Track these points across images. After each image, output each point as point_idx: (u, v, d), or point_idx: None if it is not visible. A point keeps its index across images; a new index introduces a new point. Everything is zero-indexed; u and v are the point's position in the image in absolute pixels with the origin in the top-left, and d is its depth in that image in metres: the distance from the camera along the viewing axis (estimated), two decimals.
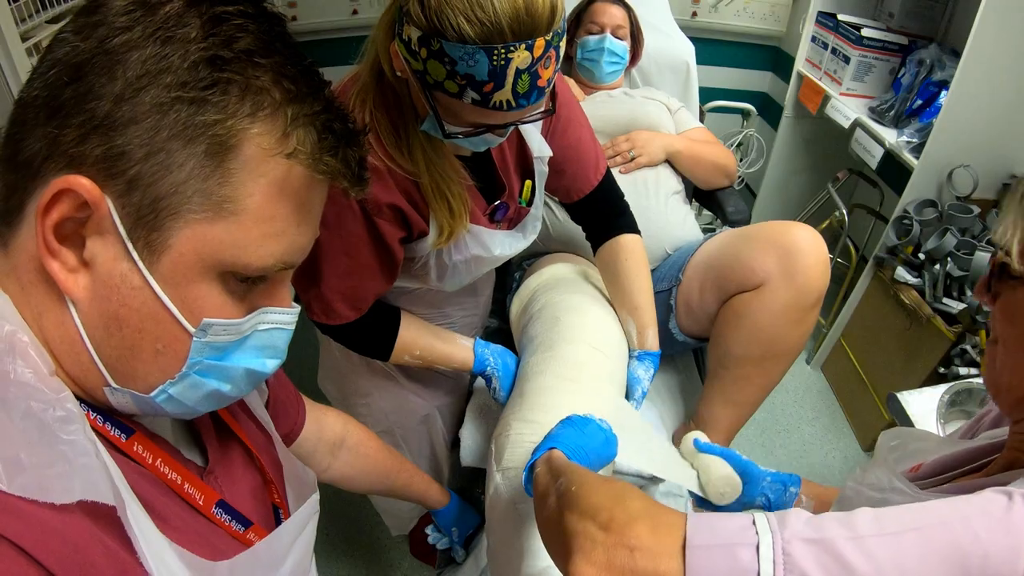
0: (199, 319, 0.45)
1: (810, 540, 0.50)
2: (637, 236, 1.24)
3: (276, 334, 0.52)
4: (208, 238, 0.43)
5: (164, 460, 0.50)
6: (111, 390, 0.46)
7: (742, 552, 0.49)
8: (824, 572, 0.48)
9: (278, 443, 0.70)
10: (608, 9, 1.61)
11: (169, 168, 0.41)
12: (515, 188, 1.09)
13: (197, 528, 0.52)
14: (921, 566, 0.48)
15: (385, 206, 0.92)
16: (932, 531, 0.50)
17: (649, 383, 1.17)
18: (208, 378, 0.48)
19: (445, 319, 1.23)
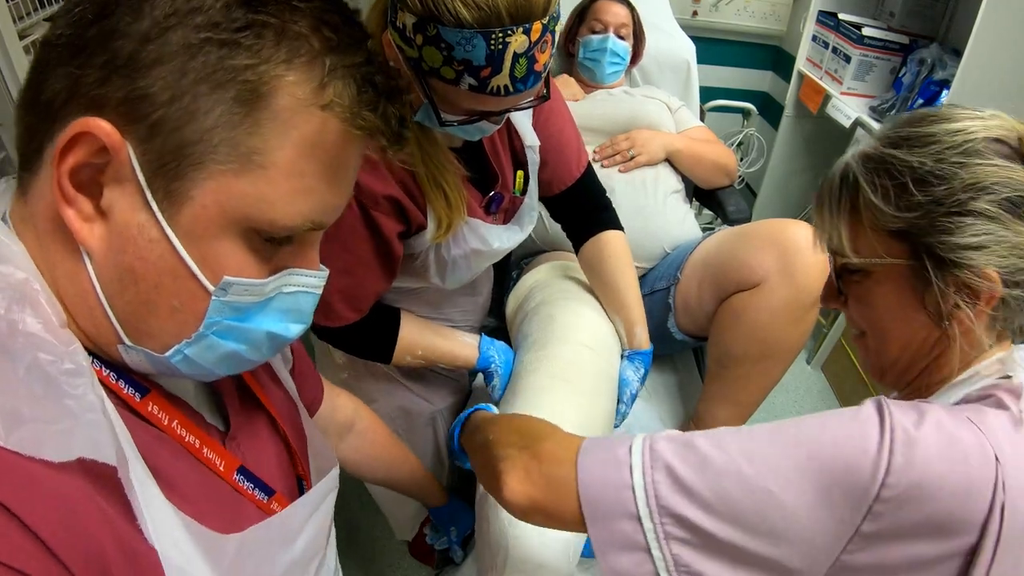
0: (219, 277, 0.43)
1: (673, 438, 0.62)
2: (620, 232, 1.22)
3: (302, 298, 0.49)
4: (233, 191, 0.41)
5: (181, 422, 0.48)
6: (125, 348, 0.44)
7: (619, 450, 0.62)
8: (680, 459, 0.59)
9: (303, 413, 0.68)
10: (612, 8, 1.60)
11: (195, 114, 0.39)
12: (508, 178, 1.09)
13: (216, 494, 0.50)
14: (769, 452, 0.58)
15: (382, 198, 0.91)
16: (783, 427, 0.60)
17: (640, 384, 1.17)
18: (227, 340, 0.46)
19: (445, 320, 1.23)
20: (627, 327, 1.20)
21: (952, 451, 0.54)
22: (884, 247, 0.63)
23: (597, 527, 0.60)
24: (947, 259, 0.59)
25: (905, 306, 0.64)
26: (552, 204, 1.21)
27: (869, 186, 0.63)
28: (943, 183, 0.59)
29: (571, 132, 1.16)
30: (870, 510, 0.53)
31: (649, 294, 1.39)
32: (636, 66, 1.77)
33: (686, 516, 0.57)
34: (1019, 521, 0.54)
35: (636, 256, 1.43)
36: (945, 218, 0.59)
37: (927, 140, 0.61)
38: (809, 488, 0.55)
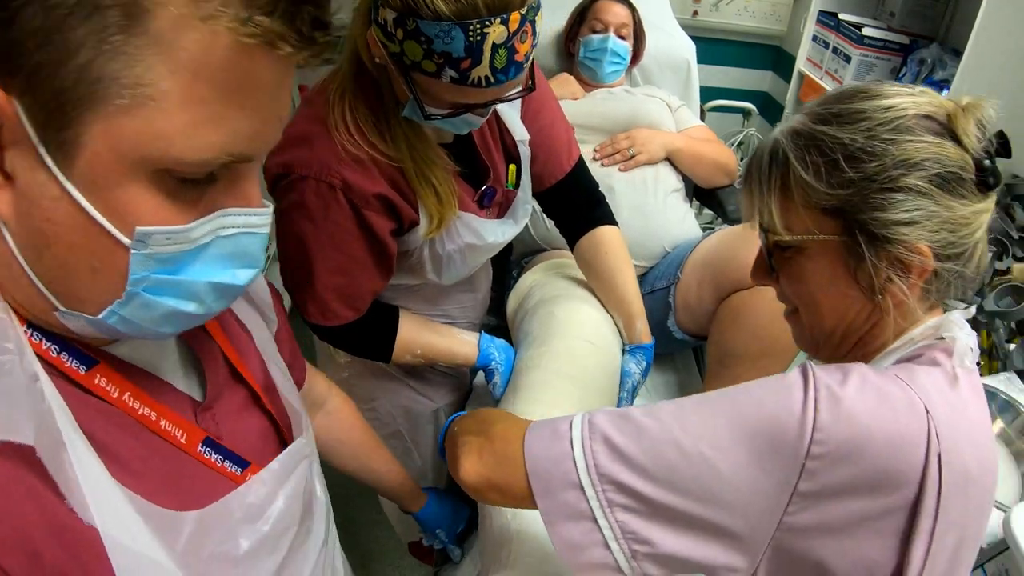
0: (132, 228, 0.39)
1: (610, 412, 0.65)
2: (615, 228, 1.21)
3: (245, 240, 0.44)
4: (125, 131, 0.36)
5: (134, 394, 0.46)
6: (62, 314, 0.41)
7: (560, 425, 0.65)
8: (616, 429, 0.62)
9: (285, 381, 0.66)
10: (613, 7, 1.61)
11: (68, 52, 0.34)
12: (501, 172, 1.08)
13: (173, 468, 0.48)
14: (701, 419, 0.60)
15: (372, 196, 0.91)
16: (713, 396, 0.62)
17: (642, 376, 1.16)
18: (163, 296, 0.42)
19: (444, 316, 1.23)
20: (627, 322, 1.19)
21: (879, 406, 0.55)
22: (816, 224, 0.63)
23: (544, 499, 0.63)
24: (879, 235, 0.60)
25: (838, 281, 0.64)
26: (545, 199, 1.20)
27: (800, 163, 0.63)
28: (874, 159, 0.59)
29: (561, 125, 1.16)
30: (804, 469, 0.54)
31: (649, 293, 1.39)
32: (636, 66, 1.77)
33: (626, 483, 0.59)
34: (958, 470, 0.55)
35: (636, 255, 1.43)
36: (877, 195, 0.60)
37: (858, 116, 0.61)
38: (741, 451, 0.57)
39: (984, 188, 0.61)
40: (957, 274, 0.62)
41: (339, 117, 0.89)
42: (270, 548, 0.53)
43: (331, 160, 0.88)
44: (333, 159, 0.88)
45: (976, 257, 0.62)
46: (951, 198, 0.59)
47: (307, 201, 0.90)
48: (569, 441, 0.63)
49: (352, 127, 0.89)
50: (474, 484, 0.70)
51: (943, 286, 0.62)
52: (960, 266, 0.61)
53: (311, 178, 0.88)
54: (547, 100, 1.14)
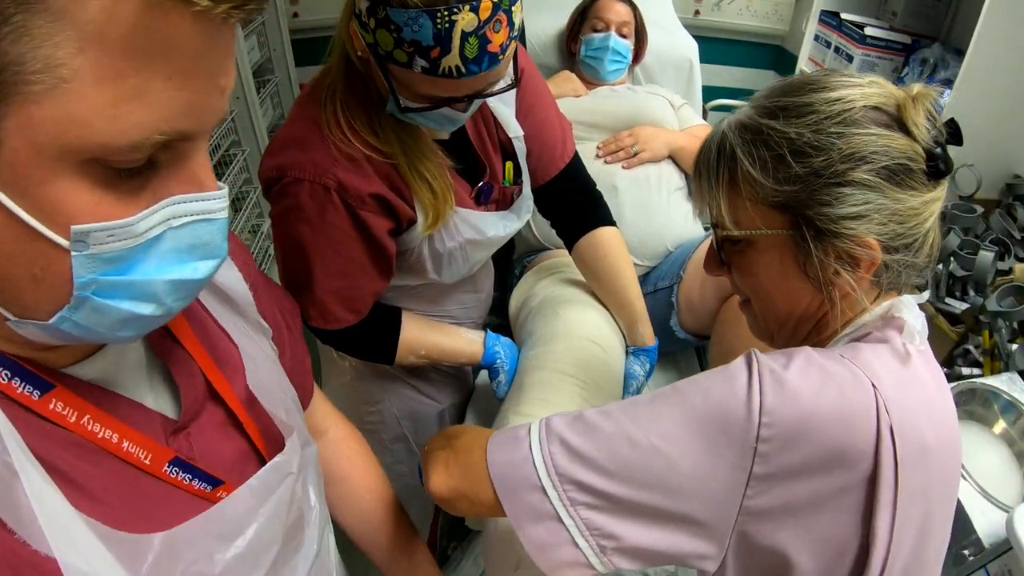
0: (66, 228, 0.35)
1: (565, 414, 0.66)
2: (614, 228, 1.20)
3: (201, 228, 0.41)
4: (37, 121, 0.33)
5: (94, 416, 0.44)
6: (15, 323, 0.38)
7: (519, 431, 0.67)
8: (571, 430, 0.63)
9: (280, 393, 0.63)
10: (614, 6, 1.61)
11: None
12: (497, 168, 1.08)
13: (139, 492, 0.47)
14: (651, 413, 0.61)
15: (368, 196, 0.90)
16: (662, 391, 0.63)
17: (646, 378, 1.16)
18: (115, 300, 0.38)
19: (446, 316, 1.22)
20: (629, 324, 1.19)
21: (824, 384, 0.55)
22: (763, 219, 0.63)
23: (509, 503, 0.64)
24: (826, 229, 0.60)
25: (787, 274, 0.64)
26: (539, 197, 1.17)
27: (747, 158, 0.62)
28: (821, 154, 0.59)
29: (555, 122, 1.15)
30: (756, 452, 0.55)
31: (652, 292, 1.39)
32: (638, 65, 1.77)
33: (585, 481, 0.61)
34: (914, 441, 0.55)
35: (639, 254, 1.43)
36: (824, 190, 0.60)
37: (804, 110, 0.60)
38: (692, 439, 0.58)
39: (935, 176, 0.60)
40: (907, 264, 0.62)
41: (331, 116, 0.88)
42: (249, 566, 0.52)
43: (325, 161, 0.88)
44: (327, 160, 0.88)
45: (928, 244, 0.62)
46: (899, 190, 0.59)
47: (302, 204, 0.89)
48: (528, 445, 0.64)
49: (345, 125, 0.88)
50: (443, 495, 0.71)
51: (893, 276, 0.63)
52: (910, 256, 0.62)
53: (305, 180, 0.88)
54: (541, 96, 1.13)
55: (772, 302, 0.68)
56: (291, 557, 0.58)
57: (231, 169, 1.90)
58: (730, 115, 0.67)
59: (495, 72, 0.80)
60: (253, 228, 2.15)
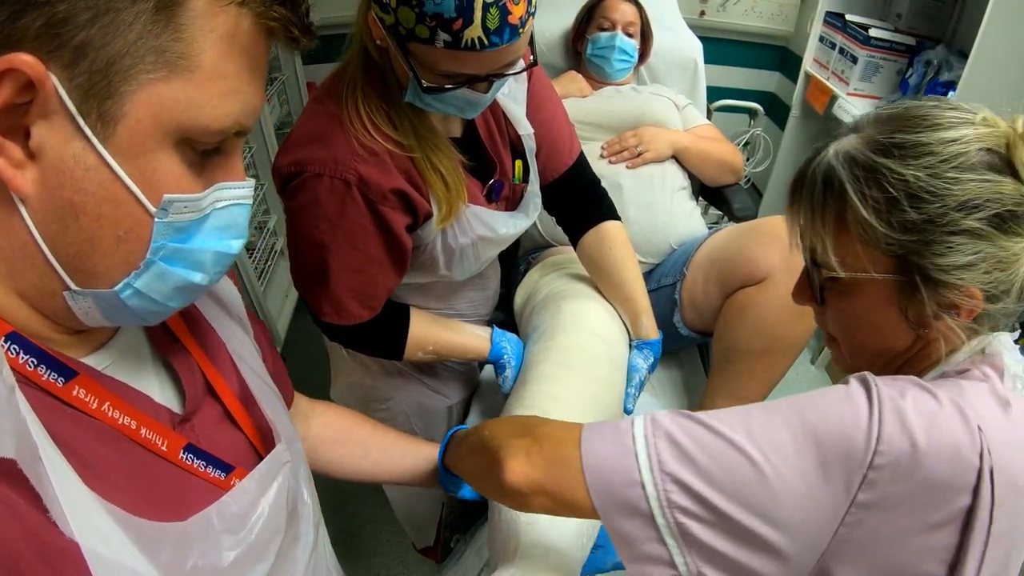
0: (159, 196, 0.42)
1: (673, 412, 0.64)
2: (619, 223, 1.21)
3: (235, 211, 0.49)
4: (164, 99, 0.41)
5: (114, 403, 0.47)
6: (72, 294, 0.43)
7: (622, 425, 0.64)
8: (681, 430, 0.61)
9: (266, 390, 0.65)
10: (620, 6, 1.62)
11: (118, 28, 0.38)
12: (507, 166, 1.09)
13: (156, 477, 0.49)
14: (766, 427, 0.59)
15: (389, 192, 0.91)
16: (777, 405, 0.61)
17: (648, 371, 1.17)
18: (175, 265, 0.45)
19: (454, 313, 1.23)
20: (633, 318, 1.20)
21: (937, 419, 0.55)
22: (872, 262, 0.62)
23: (601, 496, 0.61)
24: (936, 279, 0.59)
25: (887, 315, 0.64)
26: (546, 194, 1.18)
27: (859, 197, 0.60)
28: (937, 200, 0.57)
29: (562, 120, 1.16)
30: (864, 479, 0.55)
31: (655, 290, 1.40)
32: (644, 65, 1.78)
33: (688, 483, 0.58)
34: (1009, 483, 0.55)
35: (643, 252, 1.44)
36: (939, 239, 0.58)
37: (921, 151, 0.58)
38: (806, 460, 0.56)
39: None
40: (1004, 312, 0.61)
41: (353, 111, 0.89)
42: (257, 557, 0.53)
43: (346, 156, 0.88)
44: (348, 155, 0.88)
45: (1020, 288, 0.60)
46: (1006, 237, 0.58)
47: (322, 199, 0.89)
48: (631, 438, 0.62)
49: (366, 119, 0.89)
50: (522, 487, 0.67)
51: (992, 321, 0.62)
52: (1011, 303, 0.60)
53: (326, 176, 0.88)
54: (548, 95, 1.14)
55: (865, 341, 0.68)
56: (291, 549, 0.59)
57: None
58: (836, 143, 0.65)
59: (515, 47, 0.81)
60: (260, 224, 2.16)
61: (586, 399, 1.01)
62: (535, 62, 0.89)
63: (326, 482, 0.83)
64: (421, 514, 1.49)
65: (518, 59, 0.85)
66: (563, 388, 1.02)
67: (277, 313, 2.13)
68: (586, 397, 1.02)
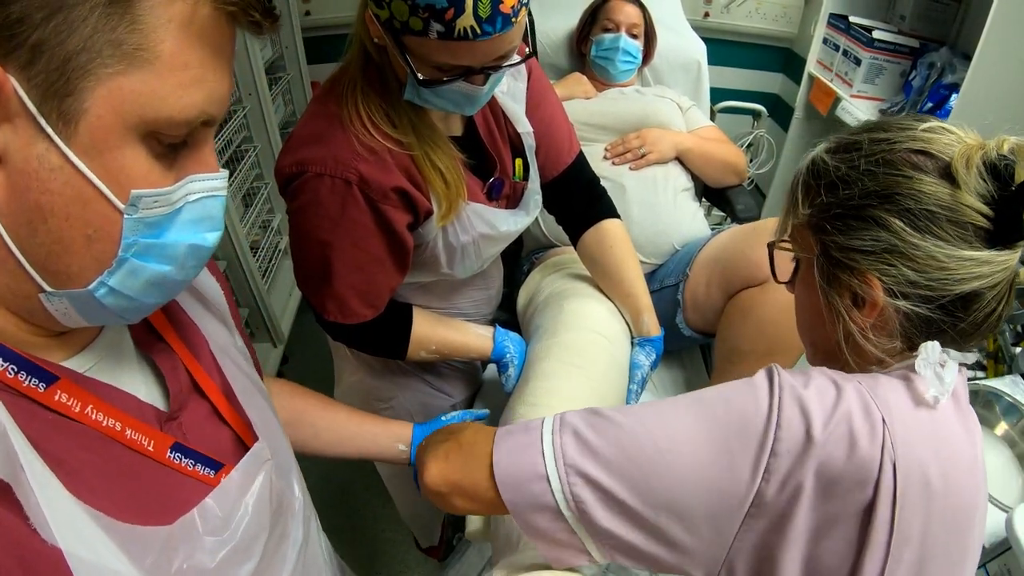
0: (127, 192, 0.41)
1: (582, 410, 0.66)
2: (618, 221, 1.22)
3: (209, 203, 0.47)
4: (125, 91, 0.40)
5: (97, 406, 0.46)
6: (47, 296, 0.43)
7: (531, 423, 0.67)
8: (586, 424, 0.63)
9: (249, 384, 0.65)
10: (624, 7, 1.62)
11: (73, 24, 0.37)
12: (508, 165, 1.09)
13: (144, 480, 0.48)
14: (670, 415, 0.61)
15: (390, 190, 0.91)
16: (684, 396, 0.64)
17: (650, 368, 1.17)
18: (148, 261, 0.44)
19: (456, 312, 1.24)
20: (634, 315, 1.20)
21: (837, 409, 0.56)
22: (803, 240, 0.68)
23: (510, 492, 0.64)
24: (836, 258, 0.62)
25: (814, 298, 0.67)
26: (546, 192, 1.18)
27: (802, 185, 0.67)
28: (847, 188, 0.61)
29: (561, 119, 1.17)
30: (767, 467, 0.55)
31: (658, 290, 1.40)
32: (648, 66, 1.79)
33: (591, 475, 0.60)
34: (916, 480, 0.55)
35: (646, 252, 1.45)
36: (838, 219, 0.62)
37: (852, 147, 0.63)
38: (708, 446, 0.58)
39: (996, 240, 0.57)
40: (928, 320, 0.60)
41: (353, 110, 0.89)
42: (242, 557, 0.53)
43: (346, 155, 0.88)
44: (348, 154, 0.89)
45: (974, 307, 0.59)
46: (917, 234, 0.58)
47: (323, 199, 0.90)
48: (539, 436, 0.64)
49: (366, 118, 0.89)
50: (438, 488, 0.70)
51: (914, 329, 0.61)
52: (930, 310, 0.59)
53: (327, 175, 0.88)
54: (547, 94, 1.15)
55: (807, 327, 0.72)
56: (279, 546, 0.59)
57: (243, 165, 1.92)
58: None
59: (508, 37, 0.81)
60: (264, 223, 2.17)
61: (589, 396, 1.02)
62: (532, 53, 0.89)
63: (328, 480, 0.84)
64: (425, 513, 1.50)
65: (513, 51, 0.85)
66: (566, 385, 1.03)
67: (281, 312, 2.14)
68: (589, 394, 1.02)
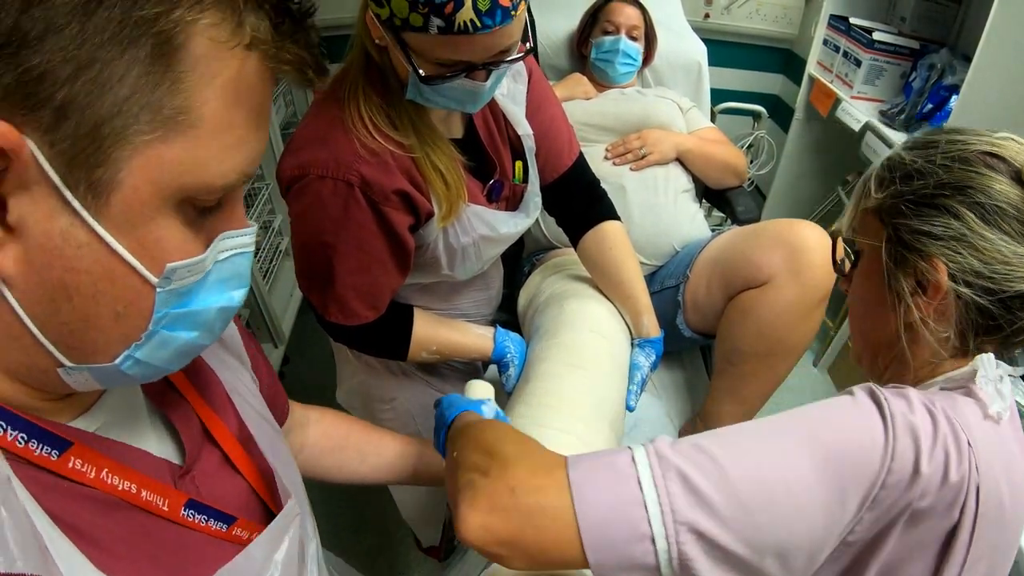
0: (162, 266, 0.37)
1: (678, 442, 0.57)
2: (618, 222, 1.22)
3: (238, 260, 0.44)
4: (164, 161, 0.35)
5: (112, 469, 0.43)
6: (67, 371, 0.39)
7: (619, 460, 0.55)
8: (691, 464, 0.54)
9: (276, 436, 0.63)
10: (624, 9, 1.63)
11: (107, 83, 0.32)
12: (507, 167, 1.10)
13: (161, 541, 0.46)
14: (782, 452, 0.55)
15: (391, 192, 0.92)
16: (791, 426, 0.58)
17: (650, 369, 1.17)
18: (177, 331, 0.41)
19: (457, 313, 1.24)
20: (634, 316, 1.20)
21: (936, 435, 0.57)
22: (870, 227, 0.70)
23: (601, 553, 0.53)
24: (905, 240, 0.64)
25: (877, 288, 0.69)
26: (546, 194, 1.19)
27: (875, 178, 0.70)
28: (921, 178, 0.65)
29: (561, 121, 1.17)
30: (873, 500, 0.55)
31: (658, 292, 1.40)
32: (648, 67, 1.79)
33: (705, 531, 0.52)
34: (994, 502, 0.56)
35: (646, 254, 1.45)
36: (912, 206, 0.64)
37: (929, 145, 0.67)
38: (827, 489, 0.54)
39: None
40: (985, 311, 0.62)
41: (354, 112, 0.90)
42: None
43: (348, 157, 0.89)
44: (350, 156, 0.89)
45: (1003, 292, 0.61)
46: (985, 226, 0.61)
47: (325, 201, 0.90)
48: (636, 481, 0.54)
49: (367, 120, 0.90)
50: (485, 544, 0.56)
51: (968, 320, 0.63)
52: (991, 303, 0.61)
53: (329, 178, 0.89)
54: (547, 96, 1.15)
55: (861, 320, 0.74)
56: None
57: None
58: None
59: (508, 31, 0.81)
60: (265, 224, 2.17)
61: (589, 396, 1.02)
62: (532, 50, 0.89)
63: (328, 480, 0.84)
64: (426, 513, 1.50)
65: (514, 46, 0.86)
66: (566, 386, 1.03)
67: (282, 313, 2.14)
68: (589, 394, 1.02)
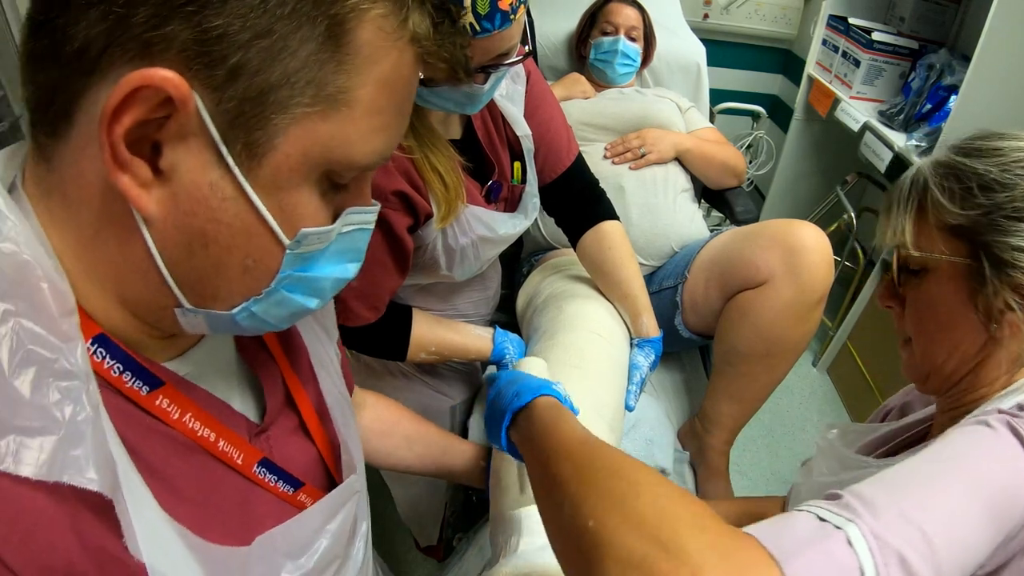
0: (296, 229, 0.40)
1: (896, 514, 0.48)
2: (617, 222, 1.22)
3: (358, 235, 0.46)
4: (318, 135, 0.38)
5: (196, 414, 0.45)
6: (183, 311, 0.41)
7: (836, 549, 0.46)
8: (903, 540, 0.46)
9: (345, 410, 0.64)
10: (623, 10, 1.63)
11: (280, 54, 0.35)
12: (506, 168, 1.10)
13: (230, 491, 0.47)
14: (964, 519, 0.50)
15: (390, 194, 0.92)
16: (950, 468, 0.53)
17: (649, 369, 1.17)
18: (295, 293, 0.43)
19: (456, 313, 1.24)
20: (633, 316, 1.20)
21: None
22: (945, 244, 0.66)
23: None
24: (1002, 259, 0.62)
25: (958, 306, 0.66)
26: (545, 195, 1.19)
27: (937, 188, 0.67)
28: (1005, 190, 0.63)
29: (560, 121, 1.17)
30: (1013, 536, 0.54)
31: (657, 292, 1.40)
32: (647, 68, 1.79)
33: None
34: None
35: (644, 254, 1.45)
36: (1004, 220, 0.62)
37: (995, 152, 0.65)
38: (989, 541, 0.52)
39: None
40: None
41: None
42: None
43: None
44: None
45: None
46: None
47: None
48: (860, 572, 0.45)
49: None
50: None
51: None
52: None
53: None
54: (545, 97, 1.15)
55: (934, 339, 0.69)
56: (341, 569, 0.58)
57: None
58: (928, 156, 0.72)
59: (508, 34, 0.81)
60: None
61: (588, 396, 1.02)
62: (531, 53, 0.90)
63: None
64: (425, 513, 1.50)
65: (513, 49, 0.86)
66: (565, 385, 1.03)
67: None
68: (588, 394, 1.02)
